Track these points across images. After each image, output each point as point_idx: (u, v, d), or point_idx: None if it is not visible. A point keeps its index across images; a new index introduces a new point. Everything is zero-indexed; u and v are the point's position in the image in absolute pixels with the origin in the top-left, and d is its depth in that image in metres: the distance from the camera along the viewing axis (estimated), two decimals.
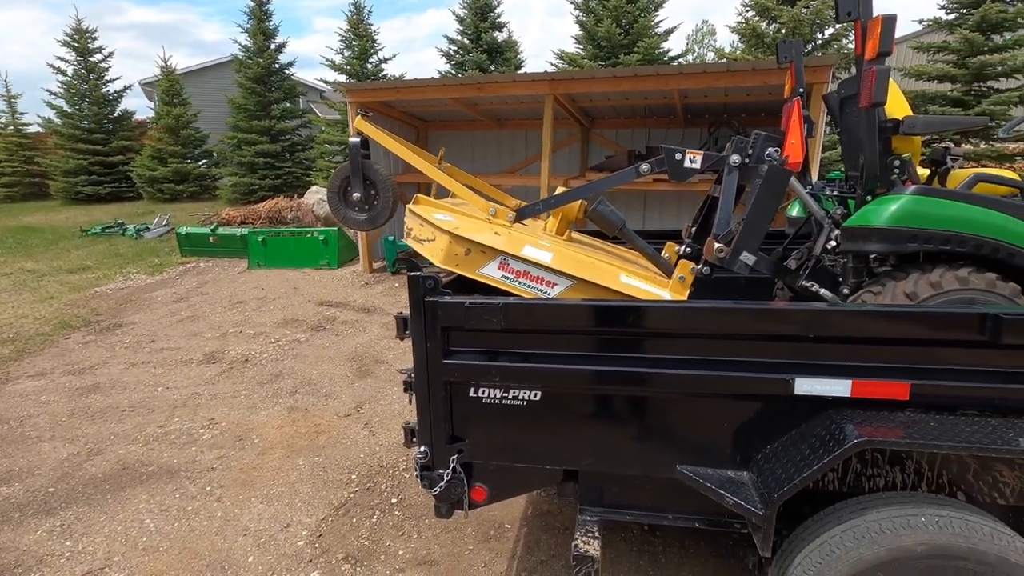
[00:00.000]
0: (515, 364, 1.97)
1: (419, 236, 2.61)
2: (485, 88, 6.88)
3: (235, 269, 9.18)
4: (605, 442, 2.00)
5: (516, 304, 1.91)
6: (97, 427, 4.23)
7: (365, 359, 5.42)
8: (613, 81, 6.25)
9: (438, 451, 2.09)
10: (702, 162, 2.73)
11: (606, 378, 1.91)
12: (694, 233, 3.14)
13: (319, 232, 8.91)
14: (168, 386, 4.93)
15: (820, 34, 11.75)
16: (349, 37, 14.88)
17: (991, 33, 10.89)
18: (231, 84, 16.77)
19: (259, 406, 4.51)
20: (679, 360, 1.86)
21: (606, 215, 2.82)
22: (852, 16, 2.22)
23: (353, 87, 7.50)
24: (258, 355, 5.58)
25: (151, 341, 6.08)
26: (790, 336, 1.76)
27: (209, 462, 3.70)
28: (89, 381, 5.07)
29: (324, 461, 3.66)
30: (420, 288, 1.95)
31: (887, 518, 1.63)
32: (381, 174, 3.13)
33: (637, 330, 1.86)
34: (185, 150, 17.36)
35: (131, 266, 9.59)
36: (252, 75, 15.70)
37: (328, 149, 15.27)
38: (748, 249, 2.43)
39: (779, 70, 5.75)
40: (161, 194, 16.88)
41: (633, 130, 8.56)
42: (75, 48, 17.86)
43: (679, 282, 2.56)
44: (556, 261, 2.41)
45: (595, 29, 12.40)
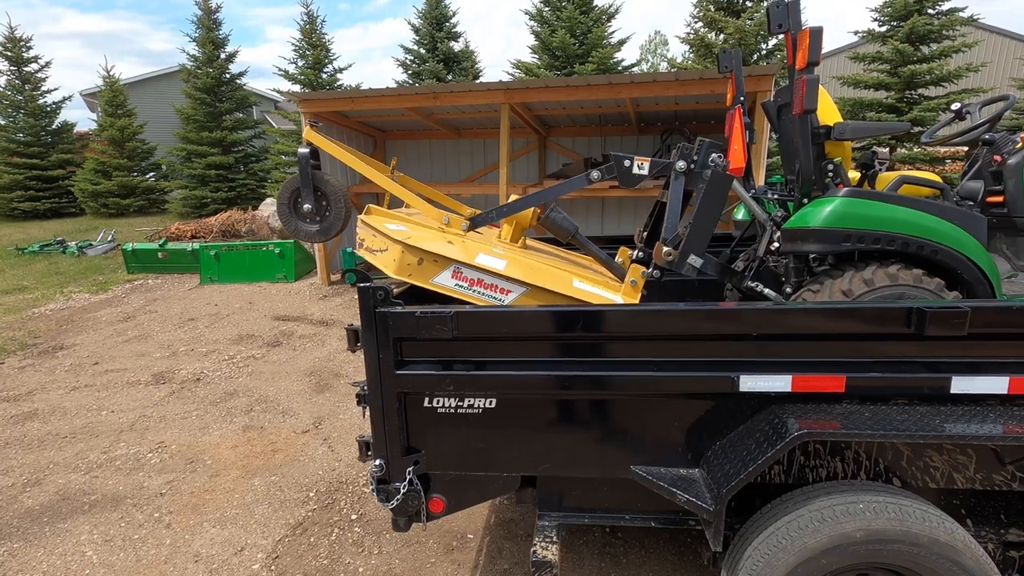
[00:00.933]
0: (469, 372, 1.96)
1: (371, 247, 2.59)
2: (440, 98, 6.88)
3: (186, 285, 8.85)
4: (560, 446, 2.02)
5: (467, 312, 1.92)
6: (35, 456, 3.99)
7: (324, 373, 5.31)
8: (567, 90, 6.35)
9: (394, 463, 2.06)
10: (649, 168, 2.81)
11: (559, 383, 1.93)
12: (645, 238, 3.23)
13: (275, 245, 8.69)
14: (113, 409, 4.70)
15: (764, 45, 12.26)
16: (302, 46, 14.64)
17: (920, 44, 11.58)
18: (179, 95, 16.24)
19: (211, 426, 4.35)
20: (630, 362, 1.90)
21: (559, 222, 2.86)
22: (783, 28, 2.33)
23: (307, 96, 7.38)
24: (211, 373, 5.39)
25: (94, 363, 5.79)
26: (733, 335, 1.82)
27: (157, 487, 3.54)
28: (26, 408, 4.78)
29: (281, 480, 3.55)
30: (371, 299, 1.93)
31: (828, 506, 1.70)
32: (332, 184, 3.09)
33: (588, 334, 1.89)
34: (131, 163, 16.68)
35: (73, 285, 9.13)
36: (201, 85, 15.26)
37: (283, 160, 14.93)
38: (695, 252, 2.50)
39: (725, 79, 5.97)
40: (106, 209, 16.16)
41: (589, 138, 8.71)
42: (8, 57, 16.96)
43: (631, 286, 2.62)
44: (510, 268, 2.43)
45: (550, 39, 12.59)
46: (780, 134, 2.94)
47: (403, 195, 2.85)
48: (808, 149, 2.41)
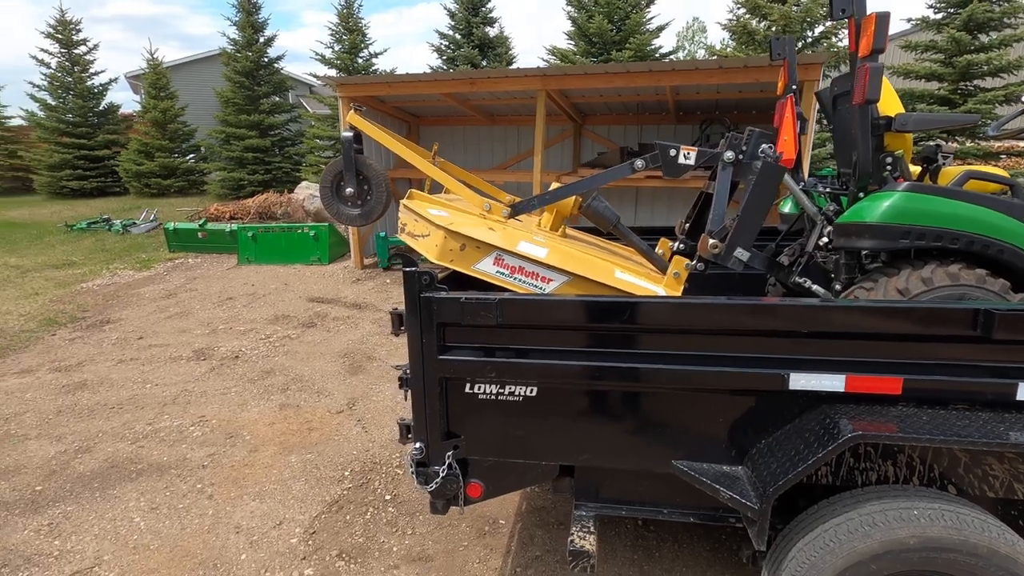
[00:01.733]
0: (511, 360, 1.96)
1: (413, 232, 2.60)
2: (477, 83, 6.84)
3: (224, 265, 9.08)
4: (601, 437, 2.01)
5: (512, 300, 1.91)
6: (85, 425, 4.17)
7: (357, 355, 5.40)
8: (606, 77, 6.24)
9: (433, 447, 2.08)
10: (696, 158, 2.75)
11: (602, 374, 1.91)
12: (688, 229, 3.16)
13: (310, 228, 8.83)
14: (157, 383, 4.87)
15: (810, 32, 11.83)
16: (339, 31, 14.75)
17: (977, 32, 11.01)
18: (219, 78, 16.58)
19: (250, 403, 4.47)
20: (675, 356, 1.86)
21: (600, 211, 2.82)
22: (846, 13, 2.23)
23: (344, 81, 7.43)
24: (248, 352, 5.53)
25: (139, 338, 6.00)
26: (785, 332, 1.77)
27: (200, 460, 3.66)
28: (76, 378, 5.00)
29: (317, 458, 3.64)
30: (416, 284, 1.94)
31: (880, 511, 1.65)
32: (374, 169, 3.11)
33: (633, 326, 1.86)
34: (172, 144, 17.15)
35: (118, 262, 9.46)
36: (241, 69, 15.53)
37: (318, 144, 15.15)
38: (742, 245, 2.44)
39: (771, 67, 5.79)
40: (148, 189, 16.67)
41: (625, 127, 8.57)
42: (59, 40, 17.55)
43: (674, 278, 2.57)
44: (551, 257, 2.41)
45: (587, 25, 12.39)
46: (835, 124, 2.83)
47: (445, 181, 2.85)
48: (867, 141, 2.32)
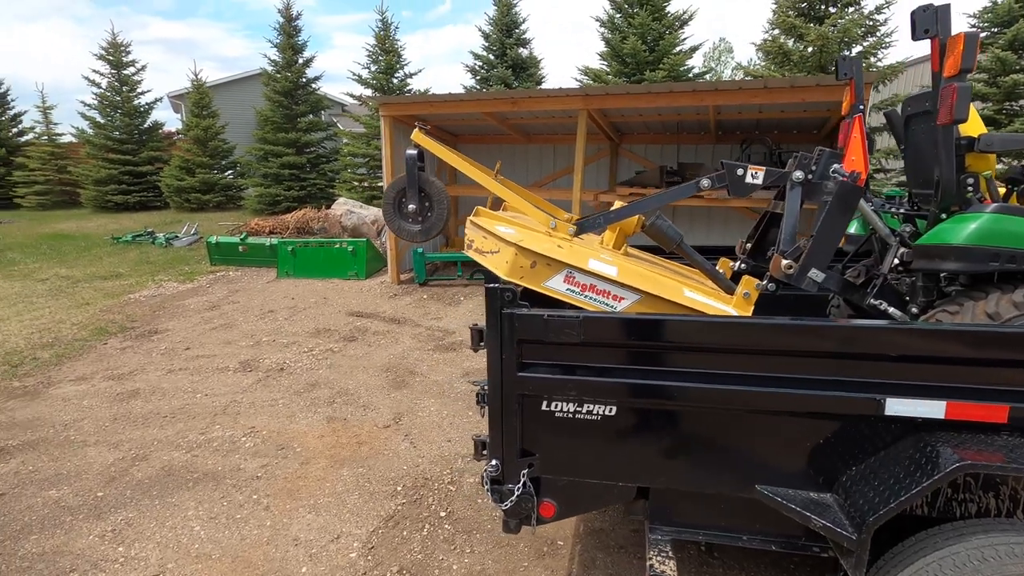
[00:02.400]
0: (592, 378, 1.95)
1: (481, 248, 2.62)
2: (519, 103, 6.94)
3: (264, 278, 9.28)
4: (682, 459, 1.97)
5: (595, 317, 1.90)
6: (140, 432, 4.26)
7: (399, 370, 5.43)
8: (648, 97, 6.27)
9: (509, 465, 2.07)
10: (764, 178, 2.72)
11: (685, 394, 1.88)
12: (750, 249, 3.13)
13: (348, 243, 8.99)
14: (207, 393, 4.96)
15: (848, 52, 11.73)
16: (376, 52, 15.14)
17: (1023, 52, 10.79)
18: (256, 97, 17.14)
19: (298, 415, 4.52)
20: (764, 378, 1.83)
21: (664, 230, 2.80)
22: (930, 34, 2.20)
23: (387, 100, 7.61)
24: (293, 364, 5.61)
25: (186, 348, 6.14)
26: (883, 356, 1.73)
27: (253, 470, 3.70)
28: (129, 386, 5.12)
29: (368, 472, 3.65)
30: (498, 300, 1.95)
31: (989, 545, 1.58)
32: (436, 186, 3.16)
33: (722, 346, 1.84)
34: (212, 161, 17.71)
35: (162, 273, 9.74)
36: (280, 88, 16.02)
37: (353, 161, 15.48)
38: (817, 266, 2.40)
39: (817, 87, 5.75)
40: (187, 204, 17.20)
41: (663, 146, 8.57)
42: (109, 61, 18.37)
43: (743, 298, 2.53)
44: (622, 275, 2.40)
45: (620, 46, 12.49)
46: (908, 145, 2.79)
47: (511, 199, 2.87)
48: (951, 161, 2.27)
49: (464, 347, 5.99)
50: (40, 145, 20.55)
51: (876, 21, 11.34)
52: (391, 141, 7.86)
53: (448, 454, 3.86)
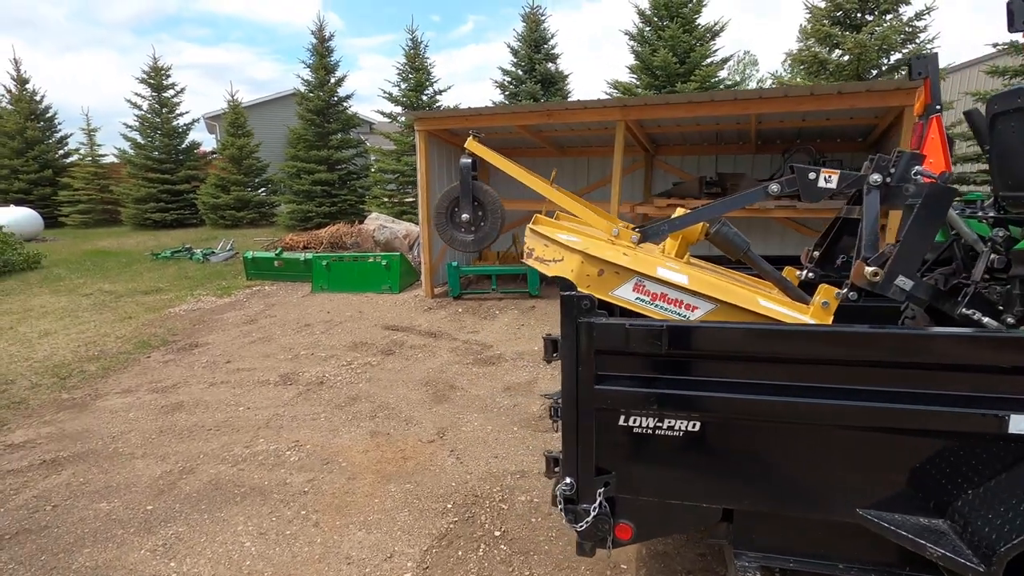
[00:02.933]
0: (675, 391, 1.84)
1: (543, 256, 2.53)
2: (554, 115, 6.90)
3: (299, 292, 9.36)
4: (774, 479, 1.84)
5: (682, 327, 1.80)
6: (186, 445, 4.26)
7: (439, 384, 5.35)
8: (689, 107, 6.17)
9: (584, 483, 1.96)
10: (838, 182, 2.60)
11: (780, 410, 1.76)
12: (819, 258, 2.99)
13: (382, 257, 9.02)
14: (249, 406, 4.96)
15: (886, 60, 11.49)
16: (406, 70, 15.39)
17: None
18: (288, 116, 17.56)
19: (340, 429, 4.47)
20: (869, 392, 1.69)
21: (730, 237, 2.69)
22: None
23: (422, 115, 7.66)
24: (332, 378, 5.59)
25: (227, 361, 6.18)
26: (1009, 368, 1.58)
27: (300, 485, 3.65)
28: (173, 399, 5.15)
29: (416, 488, 3.56)
30: (575, 308, 1.86)
31: None
32: (490, 195, 3.10)
33: (820, 357, 1.71)
34: (247, 179, 18.13)
35: (200, 288, 9.91)
36: (313, 107, 16.37)
37: (383, 178, 15.67)
38: (905, 273, 2.25)
39: (867, 93, 5.58)
40: (223, 220, 17.59)
41: (699, 156, 8.44)
42: (150, 84, 19.06)
43: (822, 308, 2.39)
44: (693, 283, 2.29)
45: (651, 59, 12.44)
46: (992, 146, 2.63)
47: (571, 206, 2.79)
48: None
49: (504, 361, 5.90)
50: (84, 166, 21.34)
51: (916, 28, 11.09)
52: (426, 155, 7.90)
53: (496, 471, 3.75)
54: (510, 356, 6.05)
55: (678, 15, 12.37)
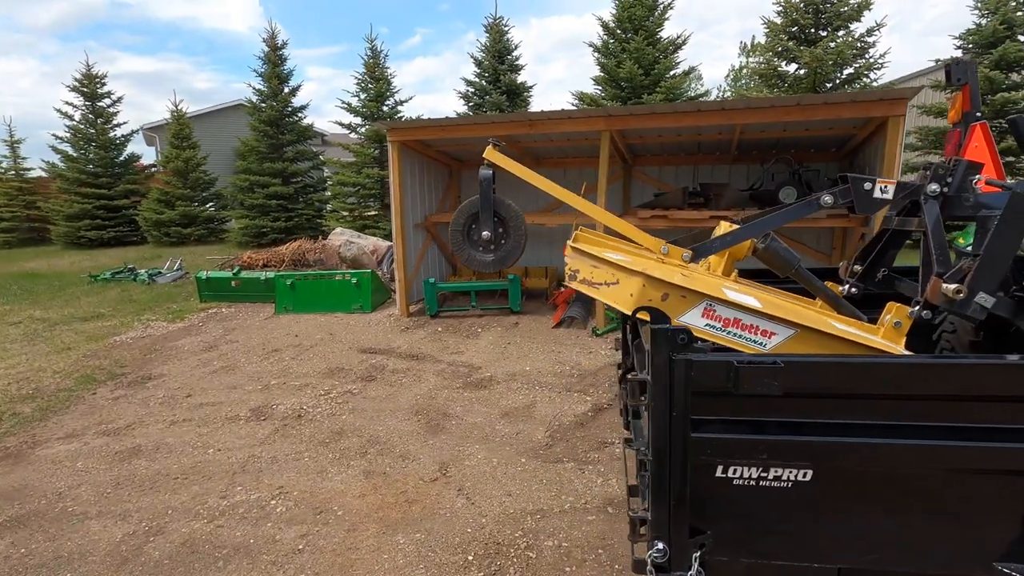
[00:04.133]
0: (785, 437, 1.58)
1: (592, 279, 2.25)
2: (536, 125, 6.68)
3: (261, 315, 8.72)
4: (897, 533, 1.60)
5: (801, 363, 1.55)
6: (150, 499, 3.71)
7: (431, 412, 4.96)
8: (675, 117, 6.08)
9: (677, 547, 1.67)
10: (895, 192, 2.45)
11: (908, 454, 1.53)
12: (863, 272, 2.84)
13: (352, 274, 8.52)
14: (219, 448, 4.42)
15: (839, 73, 11.93)
16: (365, 80, 14.91)
17: (1009, 71, 11.08)
18: (235, 128, 16.71)
19: (329, 470, 4.02)
20: (1005, 430, 1.49)
21: (781, 253, 2.49)
22: None
23: (396, 125, 7.28)
24: (311, 410, 5.10)
25: (187, 395, 5.57)
26: None
27: (292, 542, 3.19)
28: (128, 443, 4.54)
29: (427, 538, 3.17)
30: (669, 344, 1.58)
31: None
32: (512, 209, 2.80)
33: (964, 394, 1.50)
34: (193, 193, 17.08)
35: (148, 313, 9.09)
36: (265, 118, 15.62)
37: (342, 191, 15.07)
38: (986, 289, 2.10)
39: (851, 104, 5.62)
40: (167, 238, 16.48)
41: (677, 167, 8.41)
42: (84, 93, 17.74)
43: (894, 328, 2.21)
44: (768, 306, 2.06)
45: (616, 71, 12.49)
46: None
47: (611, 222, 2.53)
48: None
49: (496, 383, 5.56)
50: (7, 181, 19.63)
51: (867, 43, 11.58)
52: (399, 166, 7.51)
53: (514, 511, 3.41)
54: (502, 378, 5.72)
55: (642, 27, 12.48)
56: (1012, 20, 10.88)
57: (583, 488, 3.65)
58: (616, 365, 4.01)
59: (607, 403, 5.00)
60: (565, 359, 6.23)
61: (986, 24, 11.16)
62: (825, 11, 11.65)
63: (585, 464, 3.96)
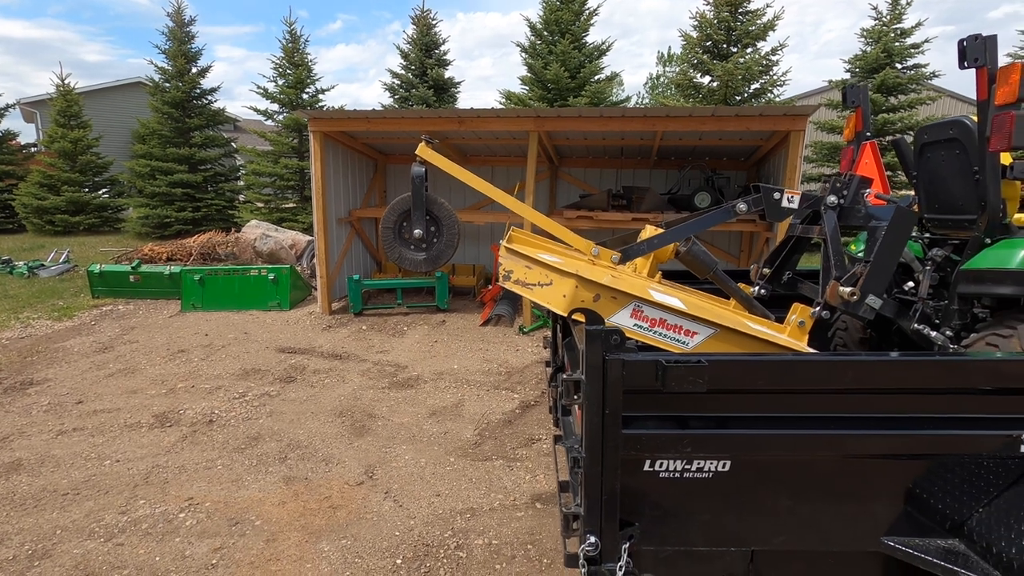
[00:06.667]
0: (711, 431, 1.69)
1: (525, 280, 2.28)
2: (465, 122, 6.65)
3: (165, 312, 8.05)
4: (803, 516, 1.76)
5: (724, 362, 1.65)
6: (33, 519, 3.33)
7: (356, 413, 4.81)
8: (602, 120, 6.27)
9: (608, 540, 1.73)
10: (799, 202, 2.67)
11: (813, 443, 1.68)
12: (770, 275, 3.06)
13: (269, 270, 8.07)
14: (118, 458, 4.05)
15: (747, 88, 12.80)
16: (283, 65, 14.16)
17: (889, 95, 12.39)
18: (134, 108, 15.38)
19: (245, 478, 3.79)
20: (893, 419, 1.68)
21: (700, 256, 2.65)
22: (979, 63, 2.24)
23: (320, 115, 6.97)
24: (223, 414, 4.79)
25: (77, 402, 5.04)
26: None
27: (204, 556, 2.99)
28: (6, 457, 4.05)
29: (354, 544, 3.08)
30: (603, 344, 1.63)
31: None
32: (445, 208, 2.78)
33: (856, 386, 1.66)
34: (83, 178, 15.44)
35: (29, 310, 8.13)
36: (170, 99, 14.42)
37: (257, 181, 14.23)
38: (875, 292, 2.34)
39: (759, 117, 6.06)
40: (52, 226, 14.81)
41: (601, 170, 8.67)
42: None
43: (798, 327, 2.42)
44: (691, 307, 2.19)
45: (543, 72, 12.69)
46: (919, 172, 2.87)
47: (543, 223, 2.57)
48: (998, 187, 2.32)
49: (423, 382, 5.49)
50: None
51: (771, 61, 12.51)
52: (321, 159, 7.20)
53: (443, 511, 3.39)
54: (429, 377, 5.66)
55: (568, 31, 12.75)
56: (891, 49, 12.17)
57: (512, 485, 3.69)
58: (544, 363, 4.09)
59: (534, 400, 5.08)
60: (493, 357, 6.26)
61: (870, 51, 12.41)
62: (735, 29, 12.46)
63: (513, 461, 4.00)
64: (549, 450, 4.09)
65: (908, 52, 12.34)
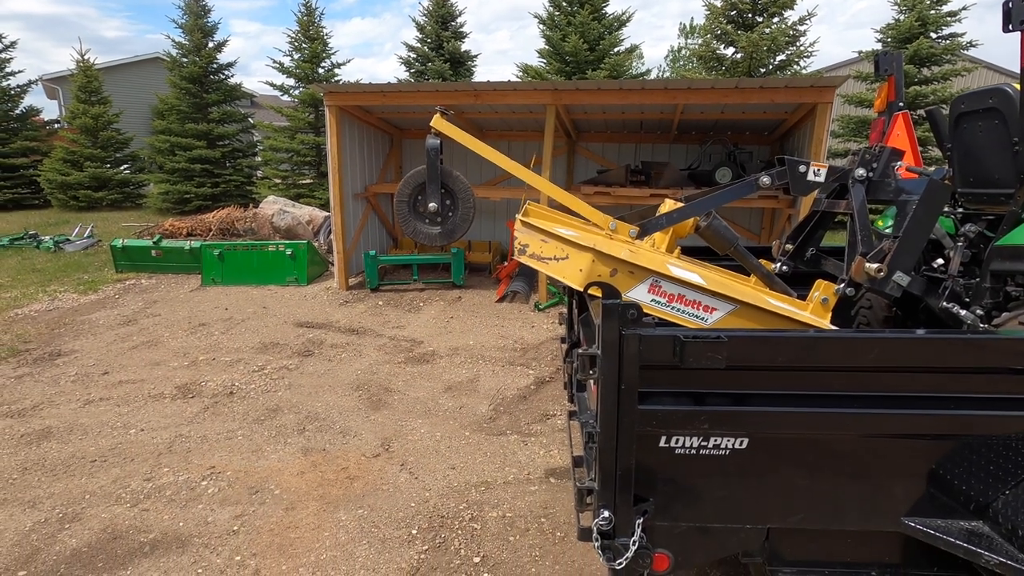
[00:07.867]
0: (728, 407, 1.66)
1: (541, 254, 2.24)
2: (482, 96, 6.54)
3: (186, 286, 8.19)
4: (821, 494, 1.73)
5: (744, 338, 1.61)
6: (63, 484, 3.45)
7: (372, 387, 4.87)
8: (620, 94, 6.12)
9: (622, 515, 1.73)
10: (826, 175, 2.58)
11: (833, 421, 1.64)
12: (791, 251, 2.98)
13: (287, 245, 8.13)
14: (142, 428, 4.16)
15: (773, 59, 12.39)
16: (299, 39, 14.05)
17: (922, 66, 11.89)
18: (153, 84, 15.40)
19: (264, 448, 3.87)
20: (920, 398, 1.63)
21: (721, 232, 2.58)
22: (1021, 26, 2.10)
23: (335, 89, 6.91)
24: (243, 386, 4.88)
25: (104, 373, 5.18)
26: None
27: (226, 523, 3.07)
28: (36, 425, 4.18)
29: (371, 514, 3.14)
30: (620, 318, 1.59)
31: None
32: (460, 181, 2.74)
33: (882, 364, 1.61)
34: (105, 154, 15.63)
35: (55, 283, 8.33)
36: (187, 74, 14.44)
37: (275, 156, 14.27)
38: (903, 268, 2.26)
39: (785, 89, 5.85)
40: (76, 202, 15.07)
41: (619, 144, 8.51)
42: None
43: (821, 304, 2.35)
44: (711, 283, 2.13)
45: (561, 44, 12.40)
46: (955, 144, 2.74)
47: (561, 196, 2.52)
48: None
49: (438, 358, 5.52)
50: None
51: (798, 31, 12.06)
52: (337, 133, 7.17)
53: (458, 484, 3.43)
54: (444, 352, 5.69)
55: (588, 1, 12.41)
56: (926, 17, 11.64)
57: (526, 460, 3.71)
58: (559, 339, 4.07)
59: (549, 377, 5.08)
60: (508, 333, 6.27)
61: (903, 19, 11.88)
62: None
63: (528, 436, 4.02)
64: (563, 426, 4.10)
65: (944, 20, 11.80)
